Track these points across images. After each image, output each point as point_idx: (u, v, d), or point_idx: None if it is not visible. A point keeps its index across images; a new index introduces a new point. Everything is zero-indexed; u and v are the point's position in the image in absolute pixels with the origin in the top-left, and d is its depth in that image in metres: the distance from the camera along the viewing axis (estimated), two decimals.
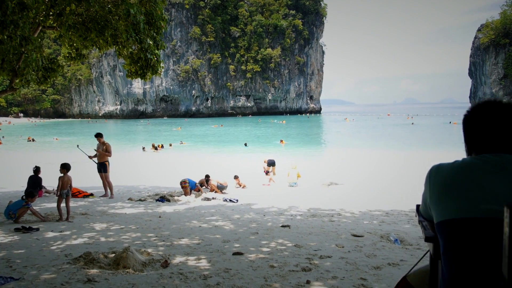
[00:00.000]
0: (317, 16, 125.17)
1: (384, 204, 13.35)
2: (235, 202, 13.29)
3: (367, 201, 13.92)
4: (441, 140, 43.44)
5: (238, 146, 37.54)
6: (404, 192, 16.01)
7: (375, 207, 12.45)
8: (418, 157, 29.56)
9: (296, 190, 17.04)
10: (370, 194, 15.53)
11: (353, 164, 26.01)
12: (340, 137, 48.96)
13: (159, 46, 13.15)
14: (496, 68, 68.62)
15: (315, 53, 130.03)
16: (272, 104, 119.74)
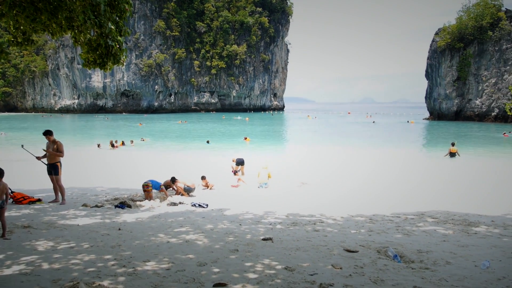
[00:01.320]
0: (283, 14, 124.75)
1: (363, 207, 12.51)
2: (205, 208, 12.03)
3: (345, 204, 13.06)
4: (404, 138, 43.79)
5: (202, 143, 36.06)
6: (379, 193, 15.32)
7: (356, 212, 11.57)
8: (386, 155, 29.31)
9: (268, 192, 15.97)
10: (345, 195, 14.70)
11: (322, 162, 25.26)
12: (306, 135, 48.43)
13: (122, 32, 11.61)
14: (450, 70, 70.45)
15: (280, 51, 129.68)
16: (236, 101, 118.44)
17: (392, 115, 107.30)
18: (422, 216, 10.93)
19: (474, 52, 68.51)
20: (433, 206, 12.70)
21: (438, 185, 17.24)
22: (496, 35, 66.79)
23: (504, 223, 10.02)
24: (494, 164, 25.52)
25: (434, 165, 24.80)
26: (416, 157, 30.33)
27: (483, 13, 67.76)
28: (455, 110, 70.53)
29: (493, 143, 39.16)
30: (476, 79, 68.54)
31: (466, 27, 68.61)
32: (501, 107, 66.63)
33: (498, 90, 67.03)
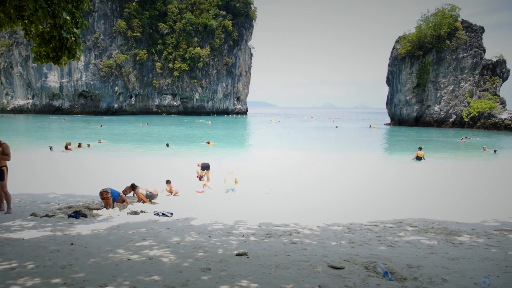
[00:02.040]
0: (247, 18, 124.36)
1: (338, 214, 11.94)
2: (169, 217, 11.04)
3: (318, 211, 12.44)
4: (368, 143, 44.20)
5: (164, 147, 34.62)
6: (351, 199, 14.85)
7: (331, 220, 10.95)
8: (353, 160, 29.15)
9: (236, 198, 15.15)
10: (317, 202, 14.10)
11: (289, 167, 24.67)
12: (271, 139, 47.95)
13: (78, 24, 10.49)
14: (410, 77, 72.24)
15: (243, 55, 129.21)
16: (199, 104, 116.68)
17: (354, 120, 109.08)
18: (400, 225, 10.45)
19: (433, 60, 70.60)
20: (409, 213, 12.30)
21: (410, 191, 17.01)
22: (453, 44, 69.14)
23: (486, 231, 9.68)
24: (459, 168, 25.88)
25: (403, 169, 24.80)
26: (384, 162, 30.40)
27: (441, 22, 70.00)
28: (415, 116, 72.34)
29: (453, 147, 40.15)
30: (435, 86, 70.63)
31: (425, 36, 70.62)
32: (458, 114, 68.95)
33: (455, 97, 69.34)
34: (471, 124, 67.46)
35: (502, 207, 13.59)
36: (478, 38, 70.52)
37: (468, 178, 21.19)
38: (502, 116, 65.04)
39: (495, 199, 15.28)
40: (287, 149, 35.96)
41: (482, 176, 22.26)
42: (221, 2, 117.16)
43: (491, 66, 71.98)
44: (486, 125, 65.75)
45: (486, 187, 18.20)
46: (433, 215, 11.91)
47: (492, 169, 25.72)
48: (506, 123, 63.84)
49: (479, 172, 24.29)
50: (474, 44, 69.76)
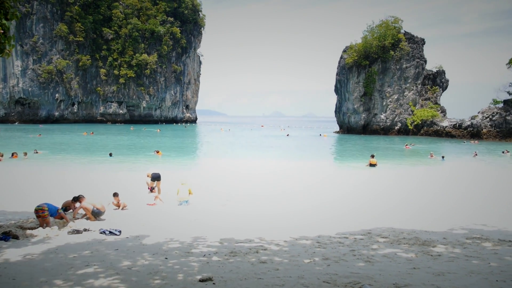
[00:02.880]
0: (195, 26, 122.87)
1: (302, 226, 11.20)
2: (117, 235, 9.76)
3: (281, 224, 11.65)
4: (320, 151, 44.37)
5: (108, 157, 32.36)
6: (312, 209, 14.21)
7: (297, 233, 10.15)
8: (307, 168, 28.78)
9: (191, 211, 14.01)
10: (277, 213, 13.30)
11: (244, 176, 23.78)
12: (223, 148, 46.90)
13: (8, 15, 9.13)
14: (358, 86, 74.04)
15: (192, 62, 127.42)
16: (147, 112, 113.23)
17: (303, 129, 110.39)
18: (370, 236, 9.85)
19: (378, 70, 72.86)
20: (375, 222, 11.80)
21: (371, 199, 16.66)
22: (397, 54, 71.77)
23: (457, 240, 9.29)
24: (412, 175, 26.21)
25: (359, 177, 24.67)
26: (339, 169, 30.31)
27: (385, 34, 72.47)
28: (362, 123, 74.13)
29: (400, 154, 41.12)
30: (381, 95, 72.85)
31: (371, 46, 72.76)
32: (403, 121, 71.47)
33: (400, 106, 71.88)
34: (415, 132, 70.08)
35: (464, 213, 13.48)
36: (419, 49, 73.74)
37: (423, 185, 21.33)
38: (443, 124, 68.13)
39: (454, 205, 15.24)
40: (241, 158, 35.12)
41: (436, 182, 22.54)
42: (168, 8, 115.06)
43: (431, 76, 75.45)
44: (429, 133, 68.57)
45: (442, 193, 18.29)
46: (400, 224, 11.47)
47: (444, 175, 26.28)
48: (447, 131, 66.88)
49: (433, 178, 24.66)
50: (416, 55, 72.84)
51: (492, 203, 15.77)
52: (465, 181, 23.04)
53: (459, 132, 65.56)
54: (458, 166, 31.28)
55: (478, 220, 12.19)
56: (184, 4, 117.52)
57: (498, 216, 12.93)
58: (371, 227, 11.06)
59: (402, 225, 11.27)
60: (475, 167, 30.94)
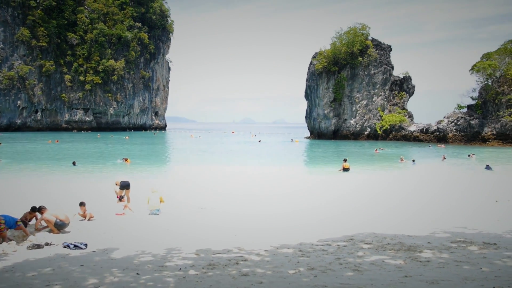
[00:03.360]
0: (163, 31, 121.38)
1: (282, 234, 10.71)
2: (83, 249, 8.97)
3: (259, 232, 11.12)
4: (293, 156, 44.27)
5: (71, 166, 30.77)
6: (289, 215, 13.76)
7: (277, 241, 9.64)
8: (281, 174, 28.42)
9: (163, 220, 13.29)
10: (254, 221, 12.78)
11: (217, 183, 23.13)
12: (193, 154, 46.00)
13: None
14: (327, 92, 74.65)
15: (161, 68, 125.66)
16: (114, 119, 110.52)
17: (274, 134, 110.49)
18: (353, 242, 9.45)
19: (348, 76, 73.74)
20: (355, 227, 11.45)
21: (348, 203, 16.38)
22: (365, 61, 72.89)
23: (443, 244, 9.01)
24: (386, 179, 26.25)
25: (334, 182, 24.49)
26: (313, 174, 30.08)
27: (354, 40, 73.51)
28: (333, 129, 74.71)
29: (371, 159, 41.45)
30: (350, 100, 73.70)
31: (340, 52, 73.60)
32: (372, 127, 72.47)
33: (369, 111, 72.91)
34: (384, 137, 71.17)
35: (442, 216, 13.35)
36: (386, 56, 75.18)
37: (398, 189, 21.30)
38: (411, 128, 69.55)
39: (431, 208, 15.14)
40: (213, 165, 34.40)
41: (411, 186, 22.58)
42: (136, 13, 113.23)
43: (398, 82, 77.03)
44: (398, 137, 69.81)
45: (418, 197, 18.24)
46: (381, 229, 11.16)
47: (417, 178, 26.45)
48: (414, 135, 68.29)
49: (407, 182, 24.75)
50: (384, 61, 74.21)
51: (466, 205, 15.78)
52: (438, 184, 23.21)
53: (426, 137, 67.06)
54: (429, 169, 31.68)
55: (458, 222, 12.05)
56: (152, 10, 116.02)
57: (475, 218, 12.86)
58: (353, 232, 10.68)
59: (384, 230, 10.96)
60: (445, 170, 31.43)
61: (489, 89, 63.41)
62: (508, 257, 7.61)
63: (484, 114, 63.49)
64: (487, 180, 24.94)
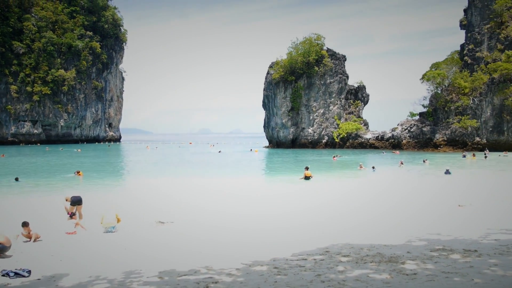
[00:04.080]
0: (116, 40, 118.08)
1: (252, 248, 9.92)
2: (26, 276, 7.76)
3: (226, 247, 10.28)
4: (254, 166, 43.74)
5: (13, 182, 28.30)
6: (256, 227, 12.99)
7: (248, 258, 8.83)
8: (243, 184, 27.70)
9: (119, 238, 12.15)
10: (219, 235, 11.92)
11: (176, 196, 22.01)
12: (150, 166, 44.34)
13: None
14: (285, 101, 75.06)
15: (114, 78, 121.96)
16: (65, 131, 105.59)
17: (232, 144, 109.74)
18: (330, 255, 8.81)
19: (304, 85, 74.46)
20: (328, 238, 10.84)
21: (312, 212, 15.86)
22: (321, 70, 73.95)
23: (423, 253, 8.56)
24: (348, 186, 26.14)
25: (295, 190, 24.02)
26: (274, 183, 29.51)
27: (309, 50, 74.46)
28: (291, 138, 74.98)
29: (330, 166, 41.64)
30: (307, 109, 74.37)
31: (296, 62, 74.27)
32: (330, 135, 73.37)
33: (326, 120, 73.84)
34: (341, 144, 72.18)
35: (412, 222, 13.07)
36: (341, 66, 76.69)
37: (363, 196, 21.09)
38: (367, 136, 71.00)
39: (399, 214, 14.90)
40: (173, 177, 33.11)
41: (375, 192, 22.48)
42: (87, 22, 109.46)
43: (353, 91, 78.70)
44: (354, 145, 71.02)
45: (384, 203, 18.05)
46: (355, 239, 10.63)
47: (379, 184, 26.53)
48: (370, 142, 69.75)
49: (371, 189, 24.68)
50: (339, 70, 75.60)
51: (432, 210, 15.69)
52: (401, 189, 23.29)
53: (381, 144, 68.66)
54: (390, 175, 32.03)
55: (430, 229, 11.76)
56: (104, 18, 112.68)
57: (445, 224, 12.66)
58: (327, 244, 10.06)
59: (358, 240, 10.43)
60: (405, 176, 31.89)
61: (439, 97, 65.96)
62: (495, 265, 7.23)
63: (435, 121, 65.88)
64: (447, 184, 25.38)
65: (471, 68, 64.58)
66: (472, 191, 21.59)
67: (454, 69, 66.92)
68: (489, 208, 15.90)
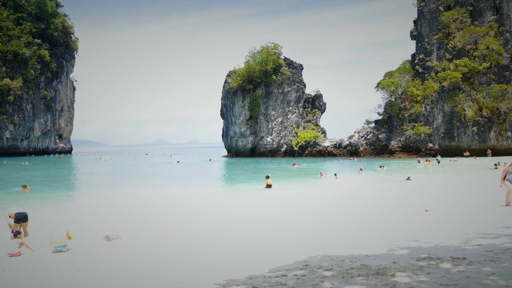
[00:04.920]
0: (67, 49, 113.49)
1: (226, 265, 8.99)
2: None
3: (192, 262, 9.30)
4: (214, 176, 42.70)
5: None
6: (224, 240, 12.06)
7: (219, 276, 7.90)
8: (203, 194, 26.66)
9: (70, 260, 10.82)
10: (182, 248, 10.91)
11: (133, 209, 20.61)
12: (104, 178, 42.15)
13: None
14: (243, 110, 74.73)
15: (64, 88, 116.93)
16: (11, 144, 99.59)
17: (190, 155, 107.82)
18: (311, 269, 8.03)
19: (262, 94, 74.38)
20: (304, 249, 10.06)
21: (280, 221, 15.10)
22: (279, 79, 74.21)
23: (410, 263, 7.95)
24: (310, 193, 25.68)
25: (258, 199, 23.27)
26: (236, 193, 28.59)
27: (267, 59, 74.62)
28: (250, 147, 74.45)
29: (290, 174, 41.38)
30: (266, 118, 74.23)
31: (254, 71, 74.20)
32: (289, 143, 73.49)
33: (285, 128, 73.95)
34: (300, 153, 72.44)
35: (385, 228, 12.60)
36: (299, 74, 77.36)
37: (328, 203, 20.63)
38: (325, 144, 71.70)
39: (369, 220, 14.44)
40: (128, 189, 31.40)
41: (340, 199, 22.13)
42: (35, 29, 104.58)
43: (311, 100, 79.53)
44: (313, 153, 71.48)
45: (351, 209, 17.62)
46: (332, 249, 9.94)
47: (343, 191, 26.26)
48: (329, 150, 70.45)
49: (335, 196, 24.31)
50: (296, 79, 76.19)
51: (400, 216, 15.40)
52: (365, 196, 23.07)
53: (339, 151, 69.51)
54: (352, 182, 32.02)
55: (406, 235, 11.30)
56: (54, 26, 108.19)
57: (419, 229, 12.28)
58: (304, 257, 9.28)
59: (336, 251, 9.73)
60: (367, 182, 31.96)
61: (393, 105, 67.79)
62: (492, 273, 6.72)
63: (390, 128, 67.57)
64: (409, 189, 25.47)
65: (422, 77, 66.93)
66: (434, 196, 21.67)
67: (407, 77, 69.12)
68: (455, 212, 15.78)
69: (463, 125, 61.38)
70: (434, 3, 66.93)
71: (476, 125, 60.64)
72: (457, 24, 64.60)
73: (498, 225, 12.16)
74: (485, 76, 61.11)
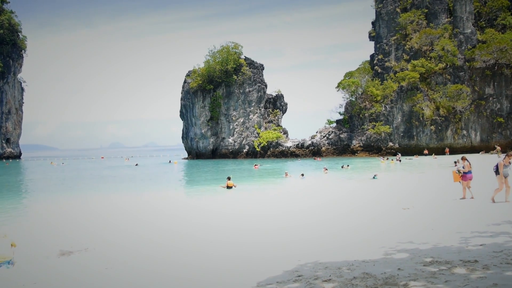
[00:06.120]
0: (14, 48, 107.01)
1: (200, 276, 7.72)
2: None
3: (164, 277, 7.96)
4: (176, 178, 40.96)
5: None
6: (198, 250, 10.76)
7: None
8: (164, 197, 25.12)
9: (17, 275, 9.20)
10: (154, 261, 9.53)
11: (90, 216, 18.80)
12: (57, 184, 39.33)
13: None
14: (204, 110, 73.22)
15: (12, 89, 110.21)
16: None
17: (149, 157, 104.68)
18: (307, 281, 6.89)
19: (223, 94, 73.01)
20: (291, 256, 8.92)
21: (254, 225, 13.93)
22: (240, 79, 73.11)
23: (420, 269, 6.99)
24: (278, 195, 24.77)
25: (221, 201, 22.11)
26: (198, 195, 27.18)
27: (227, 58, 73.29)
28: (211, 148, 72.82)
29: (253, 175, 40.44)
30: (227, 118, 72.89)
31: (214, 71, 72.68)
32: (251, 144, 72.48)
33: (247, 129, 72.89)
34: (262, 153, 71.60)
35: (370, 229, 11.72)
36: (260, 74, 76.57)
37: (299, 205, 19.69)
38: (287, 144, 71.25)
39: (348, 221, 13.57)
40: (84, 194, 29.18)
41: (309, 200, 21.26)
42: None
43: (272, 100, 78.96)
44: (276, 153, 70.81)
45: (326, 210, 16.74)
46: (322, 255, 8.88)
47: (312, 192, 25.50)
48: (291, 150, 70.03)
49: (306, 196, 23.41)
50: (257, 79, 75.35)
51: (380, 215, 14.69)
52: (337, 196, 22.40)
53: (302, 151, 69.25)
54: (318, 182, 31.48)
55: (397, 236, 10.44)
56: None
57: (405, 228, 11.52)
58: (293, 265, 8.15)
59: (328, 257, 8.67)
60: (335, 182, 31.49)
61: (353, 105, 68.36)
62: None
63: (351, 128, 68.08)
64: (379, 188, 25.04)
65: (381, 77, 67.89)
66: (406, 194, 21.26)
67: (366, 77, 69.93)
68: (432, 210, 15.21)
69: (421, 124, 62.73)
70: (391, 5, 68.13)
71: (433, 124, 62.14)
72: (414, 25, 66.00)
73: (486, 222, 11.55)
74: (441, 77, 62.76)
